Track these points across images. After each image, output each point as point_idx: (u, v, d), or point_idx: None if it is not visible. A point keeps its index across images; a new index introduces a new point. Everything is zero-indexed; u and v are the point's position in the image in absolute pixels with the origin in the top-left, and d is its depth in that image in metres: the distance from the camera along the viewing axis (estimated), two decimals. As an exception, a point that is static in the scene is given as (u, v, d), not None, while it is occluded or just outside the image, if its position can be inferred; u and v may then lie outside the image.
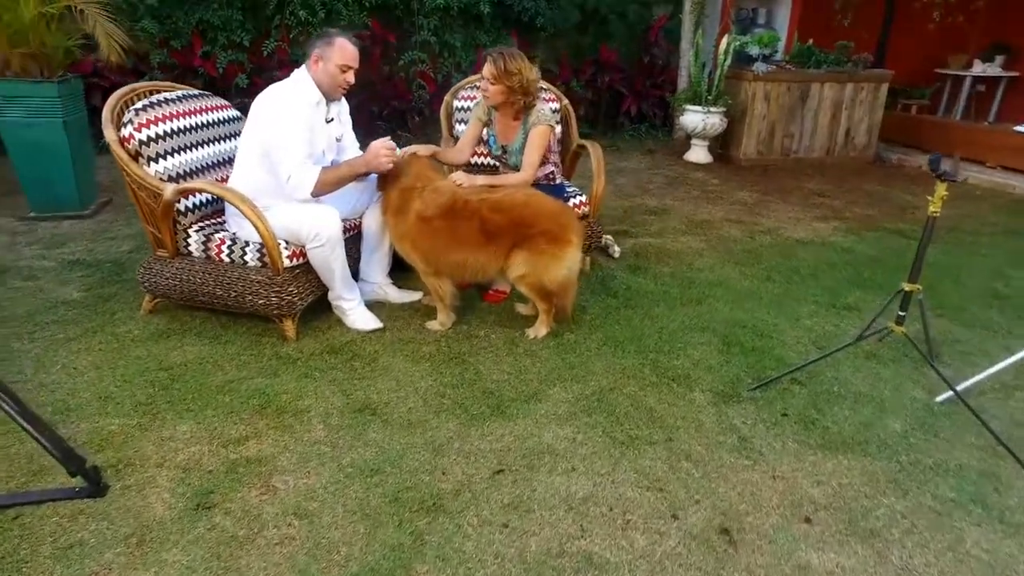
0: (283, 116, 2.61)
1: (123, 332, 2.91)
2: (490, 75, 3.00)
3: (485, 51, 3.07)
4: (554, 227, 2.72)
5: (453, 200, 2.75)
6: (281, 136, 2.61)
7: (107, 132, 2.73)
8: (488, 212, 2.72)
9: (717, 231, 4.54)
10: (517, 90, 3.03)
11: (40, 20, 3.99)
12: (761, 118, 6.46)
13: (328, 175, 2.68)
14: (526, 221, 2.72)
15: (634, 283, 3.58)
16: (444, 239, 2.74)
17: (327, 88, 2.74)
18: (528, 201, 2.76)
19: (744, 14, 7.77)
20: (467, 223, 2.72)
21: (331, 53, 2.68)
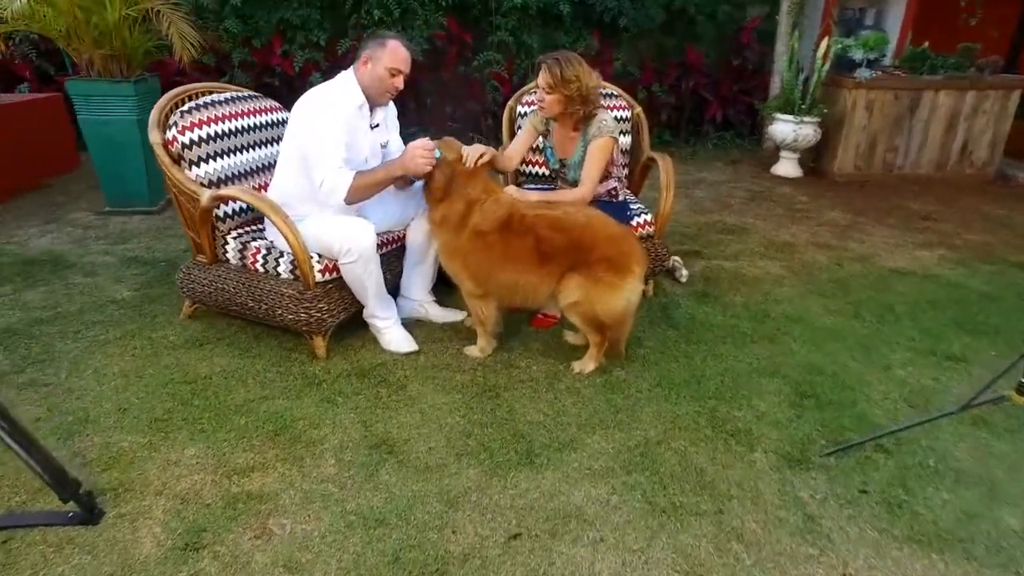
0: (320, 119, 2.46)
1: (159, 337, 2.86)
2: (545, 83, 2.74)
3: (540, 57, 2.81)
4: (615, 253, 2.44)
5: (510, 214, 2.51)
6: (316, 139, 2.46)
7: (152, 134, 2.68)
8: (545, 230, 2.47)
9: (800, 256, 4.09)
10: (575, 99, 2.76)
11: (123, 22, 4.07)
12: (861, 129, 5.86)
13: (362, 179, 2.51)
14: (585, 244, 2.45)
15: (700, 313, 3.23)
16: (497, 257, 2.50)
17: (374, 92, 2.58)
18: (589, 222, 2.50)
19: (849, 14, 7.11)
20: (522, 240, 2.48)
21: (381, 54, 2.51)
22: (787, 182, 5.93)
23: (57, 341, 2.81)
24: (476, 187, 2.52)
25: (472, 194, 2.51)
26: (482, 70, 6.42)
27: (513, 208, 2.52)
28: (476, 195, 2.51)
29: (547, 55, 2.78)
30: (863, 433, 2.31)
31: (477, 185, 2.53)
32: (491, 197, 2.52)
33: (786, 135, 5.88)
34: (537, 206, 2.57)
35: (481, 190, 2.52)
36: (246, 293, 2.71)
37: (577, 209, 2.56)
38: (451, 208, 2.51)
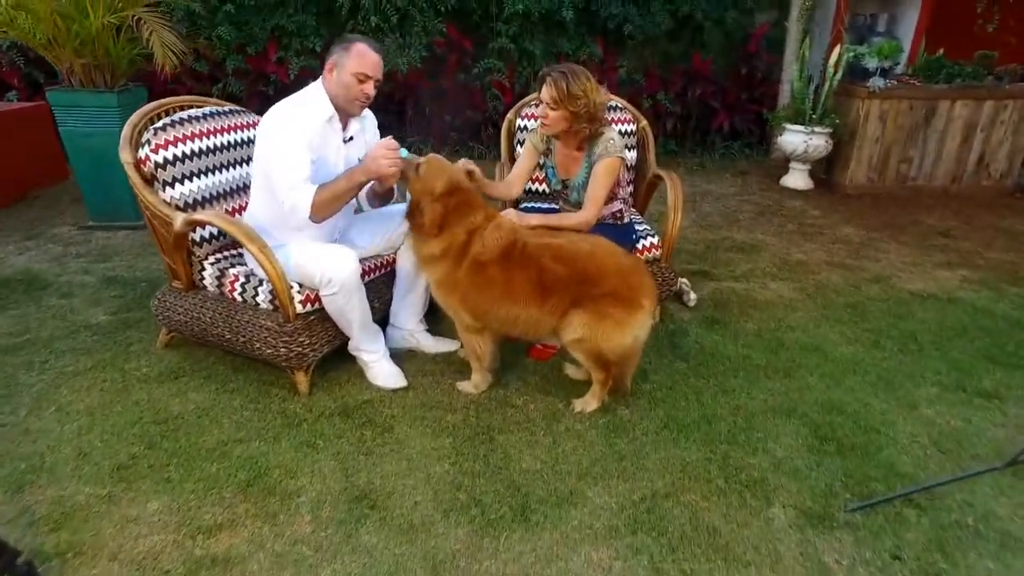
0: (281, 134, 2.26)
1: (132, 368, 2.68)
2: (550, 98, 2.55)
3: (544, 69, 2.62)
4: (623, 287, 2.25)
5: (512, 242, 2.31)
6: (277, 157, 2.26)
7: (123, 153, 2.49)
8: (548, 261, 2.27)
9: (815, 277, 3.89)
10: (582, 116, 2.57)
11: (106, 30, 3.90)
12: (874, 141, 5.65)
13: (324, 192, 2.26)
14: (590, 276, 2.26)
15: (709, 342, 3.03)
16: (498, 290, 2.30)
17: (342, 101, 2.37)
18: (594, 252, 2.30)
19: (860, 21, 6.92)
20: (524, 272, 2.28)
21: (346, 60, 2.31)
22: (797, 195, 5.73)
23: (21, 373, 2.63)
24: (477, 213, 2.32)
25: (474, 221, 2.31)
26: (482, 78, 6.24)
27: (515, 236, 2.32)
28: (477, 222, 2.31)
29: (552, 68, 2.59)
30: (890, 483, 2.11)
31: (477, 211, 2.33)
32: (492, 223, 2.33)
33: (796, 146, 5.68)
34: (540, 234, 2.38)
35: (482, 216, 2.33)
36: (223, 324, 2.53)
37: (582, 237, 2.36)
38: (453, 239, 2.29)
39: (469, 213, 2.31)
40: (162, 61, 3.73)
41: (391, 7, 5.67)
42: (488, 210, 2.37)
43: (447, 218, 2.28)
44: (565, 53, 6.32)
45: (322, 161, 2.37)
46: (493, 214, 2.38)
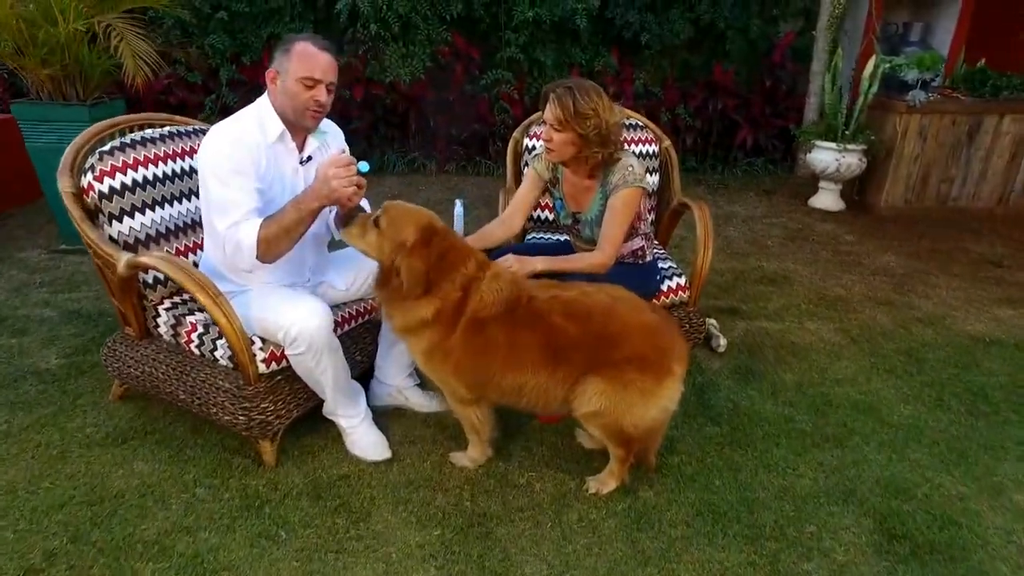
0: (216, 159, 1.88)
1: (74, 428, 2.31)
2: (554, 119, 2.17)
3: (547, 87, 2.23)
4: (649, 349, 1.85)
5: (516, 296, 1.90)
6: (213, 188, 1.89)
7: (61, 180, 2.13)
8: (559, 318, 1.86)
9: (857, 315, 3.47)
10: (592, 139, 2.18)
11: (76, 38, 3.57)
12: (912, 159, 5.23)
13: (271, 226, 1.86)
14: (609, 337, 1.86)
15: (744, 400, 2.62)
16: (500, 354, 1.89)
17: (291, 114, 1.97)
18: (614, 307, 1.90)
19: (891, 30, 6.52)
20: (530, 332, 1.87)
21: (288, 64, 1.92)
22: (828, 217, 5.31)
23: (-55, 433, 2.27)
24: (467, 261, 1.92)
25: (465, 271, 1.90)
26: (490, 89, 5.88)
27: (518, 287, 1.92)
28: (470, 271, 1.90)
29: (556, 83, 2.20)
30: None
31: (467, 258, 1.93)
32: (488, 273, 1.93)
33: (827, 164, 5.26)
34: (547, 285, 1.97)
35: (474, 264, 1.93)
36: (177, 381, 2.15)
37: (597, 288, 1.96)
38: (446, 297, 1.87)
39: (457, 262, 1.89)
40: (132, 72, 3.38)
41: (392, 14, 5.33)
42: (478, 255, 1.97)
43: (431, 273, 1.86)
44: (578, 63, 5.95)
45: (276, 190, 2.00)
46: (486, 261, 1.98)
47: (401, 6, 5.22)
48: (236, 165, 1.88)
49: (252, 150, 1.92)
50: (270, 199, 1.98)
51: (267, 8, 5.60)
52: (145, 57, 3.44)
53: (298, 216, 1.88)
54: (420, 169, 6.00)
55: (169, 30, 5.40)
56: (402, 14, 5.37)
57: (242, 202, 1.88)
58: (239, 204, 1.87)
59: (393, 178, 5.82)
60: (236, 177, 1.88)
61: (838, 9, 5.88)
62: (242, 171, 1.89)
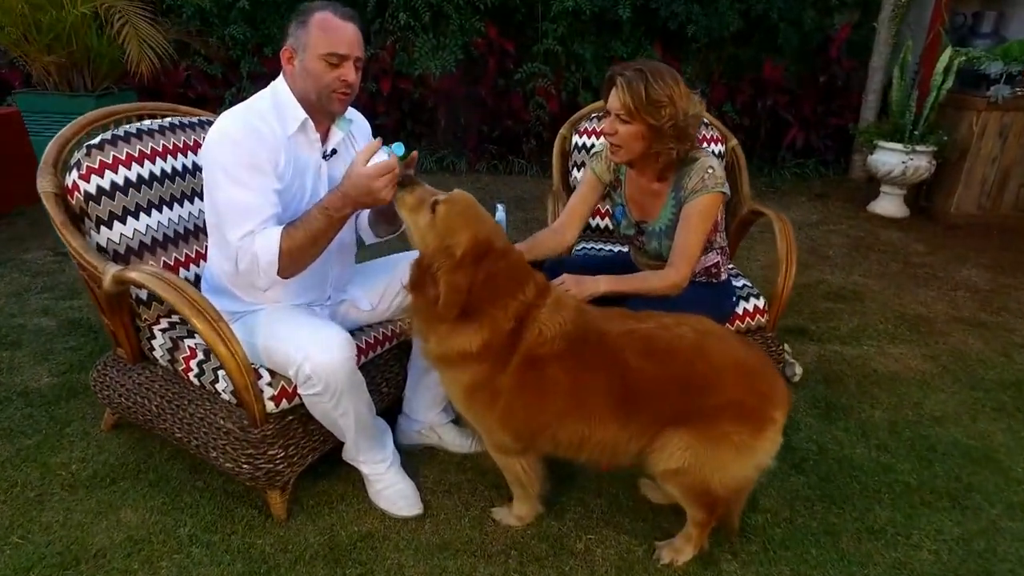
0: (226, 156, 1.56)
1: (59, 464, 2.01)
2: (622, 108, 1.81)
3: (612, 68, 1.87)
4: (746, 395, 1.48)
5: (583, 329, 1.55)
6: (222, 191, 1.57)
7: (42, 180, 1.83)
8: (636, 357, 1.50)
9: (945, 338, 3.05)
10: (666, 133, 1.82)
11: (84, 23, 3.30)
12: (990, 161, 4.76)
13: (295, 234, 1.56)
14: (698, 381, 1.49)
15: (830, 441, 2.24)
16: (560, 400, 1.54)
17: (315, 99, 1.65)
18: (702, 344, 1.52)
19: (959, 21, 6.01)
20: (599, 374, 1.51)
21: (307, 38, 1.60)
22: (892, 224, 4.86)
23: (-85, 467, 1.98)
24: (526, 286, 1.55)
25: (524, 297, 1.54)
26: (525, 84, 5.52)
27: (585, 319, 1.56)
28: (530, 300, 1.54)
29: (623, 66, 1.84)
30: None
31: (526, 282, 1.56)
32: (549, 300, 1.57)
33: (893, 167, 4.81)
34: (619, 316, 1.60)
35: (533, 290, 1.56)
36: (172, 417, 1.84)
37: (679, 320, 1.58)
38: (496, 328, 1.51)
39: (513, 287, 1.53)
40: (137, 59, 3.09)
41: (423, 3, 4.99)
42: (539, 279, 1.61)
43: (475, 295, 1.50)
44: (620, 57, 5.56)
45: (295, 191, 1.68)
46: (547, 286, 1.62)
47: (432, -6, 4.90)
48: (252, 160, 1.55)
49: (270, 143, 1.59)
50: (289, 205, 1.66)
51: (291, -4, 5.31)
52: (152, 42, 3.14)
53: (328, 224, 1.56)
54: (450, 168, 5.66)
55: (188, 19, 5.13)
56: (433, 3, 5.04)
57: (259, 207, 1.56)
58: (255, 209, 1.55)
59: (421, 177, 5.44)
60: (252, 176, 1.55)
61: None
62: (259, 168, 1.56)
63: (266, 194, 1.57)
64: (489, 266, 1.52)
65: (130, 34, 3.09)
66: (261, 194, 1.56)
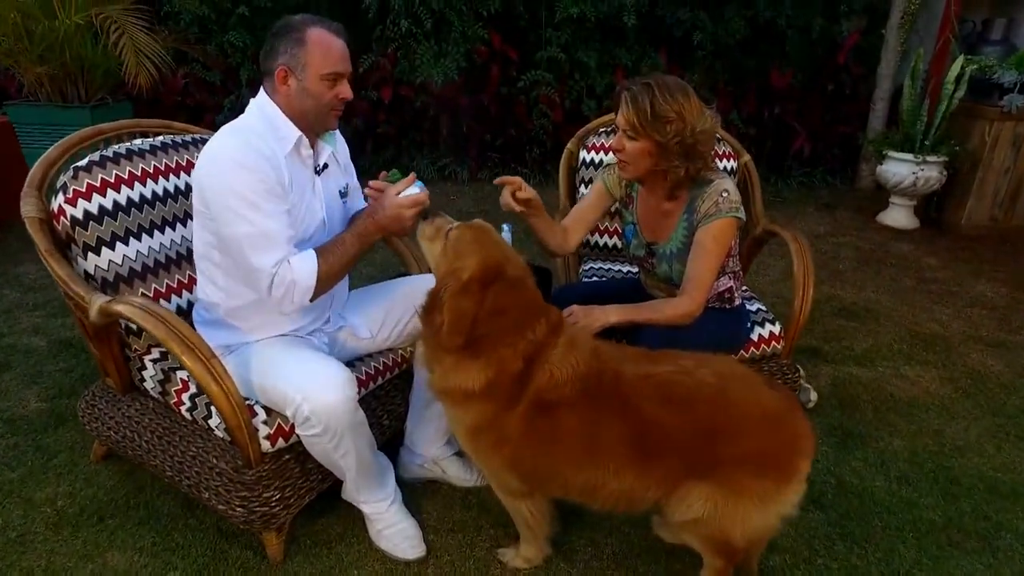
0: (242, 183, 1.49)
1: (44, 500, 1.92)
2: (627, 124, 1.74)
3: (621, 83, 1.79)
4: (771, 444, 1.39)
5: (598, 372, 1.45)
6: (245, 217, 1.49)
7: (25, 204, 1.74)
8: (654, 403, 1.40)
9: (963, 359, 2.96)
10: (672, 149, 1.74)
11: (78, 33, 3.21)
12: (1003, 171, 4.68)
13: (331, 259, 1.57)
14: (721, 430, 1.39)
15: (849, 474, 2.15)
16: (572, 448, 1.45)
17: (314, 116, 1.60)
18: (725, 390, 1.42)
19: (968, 28, 5.93)
20: (615, 420, 1.41)
21: (304, 57, 1.53)
22: (903, 236, 4.77)
23: None
24: (536, 320, 1.46)
25: (534, 337, 1.45)
26: (528, 92, 5.43)
27: (599, 359, 1.46)
28: (540, 338, 1.45)
29: (633, 80, 1.76)
30: None
31: (536, 316, 1.47)
32: (562, 340, 1.47)
33: (903, 177, 4.72)
34: (636, 357, 1.49)
35: (545, 326, 1.47)
36: (162, 453, 1.75)
37: (699, 361, 1.48)
38: (502, 365, 1.42)
39: (523, 322, 1.44)
40: (134, 71, 3.01)
41: (425, 10, 4.91)
42: (553, 316, 1.52)
43: (481, 326, 1.42)
44: (623, 65, 5.48)
45: (299, 207, 1.62)
46: (559, 322, 1.52)
47: (434, 1, 4.80)
48: (267, 185, 1.50)
49: (277, 164, 1.54)
50: (292, 222, 1.60)
51: (291, 3, 5.22)
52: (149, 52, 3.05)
53: (361, 249, 1.63)
54: (451, 177, 5.58)
55: (187, 27, 5.05)
56: (436, 9, 4.95)
57: (283, 232, 1.53)
58: (282, 236, 1.52)
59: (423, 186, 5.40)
60: (270, 201, 1.51)
61: (914, 5, 5.35)
62: (273, 192, 1.52)
63: (284, 216, 1.54)
64: (497, 295, 1.43)
65: (126, 45, 3.00)
66: (280, 218, 1.53)
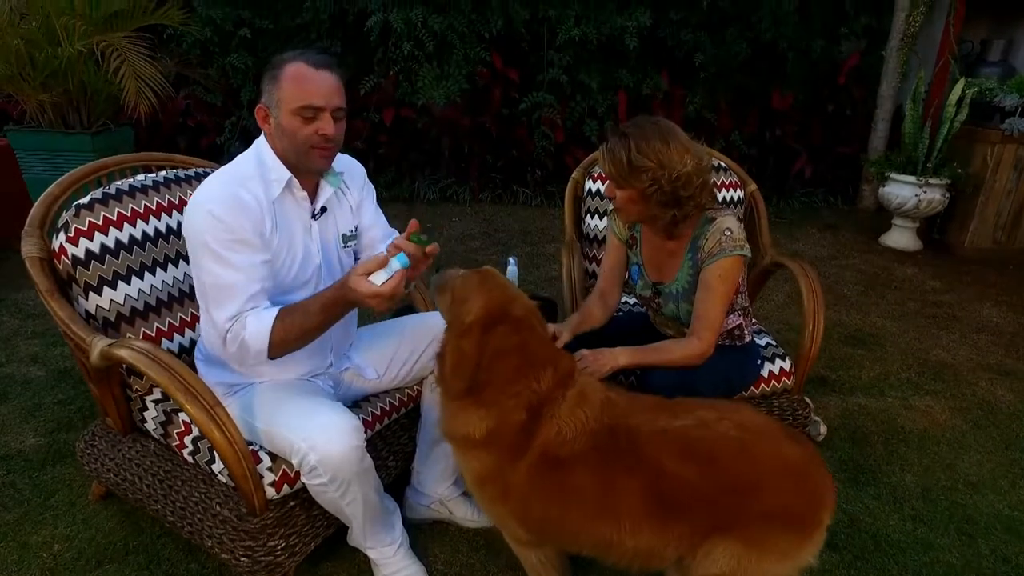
0: (209, 232, 1.44)
1: (40, 543, 1.87)
2: (608, 175, 1.77)
3: (605, 128, 1.79)
4: (796, 500, 1.35)
5: (610, 427, 1.41)
6: (207, 268, 1.46)
7: (26, 243, 1.72)
8: (672, 459, 1.36)
9: (971, 388, 2.93)
10: (651, 197, 1.73)
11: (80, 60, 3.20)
12: (1005, 194, 4.68)
13: (289, 324, 1.45)
14: (743, 484, 1.35)
15: (862, 512, 2.12)
16: (583, 504, 1.40)
17: (294, 157, 1.55)
18: (747, 445, 1.38)
19: (966, 49, 5.96)
20: (629, 478, 1.37)
21: (278, 94, 1.49)
22: (906, 258, 4.76)
23: None
24: (543, 370, 1.43)
25: (538, 384, 1.41)
26: (530, 114, 5.44)
27: (612, 414, 1.42)
28: (544, 390, 1.42)
29: (614, 130, 1.75)
30: None
31: (543, 365, 1.44)
32: (572, 392, 1.43)
33: (905, 200, 4.72)
34: (652, 408, 1.45)
35: (552, 376, 1.43)
36: (164, 498, 1.71)
37: (719, 412, 1.43)
38: (504, 416, 1.40)
39: (525, 370, 1.41)
40: (134, 99, 2.99)
41: (427, 33, 4.92)
42: (563, 364, 1.48)
43: (483, 370, 1.39)
44: (625, 86, 5.49)
45: (283, 256, 1.57)
46: (569, 372, 1.48)
47: (437, 23, 4.81)
48: (236, 235, 1.44)
49: (255, 212, 1.48)
50: (276, 270, 1.55)
51: (293, 25, 5.24)
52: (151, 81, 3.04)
53: (325, 320, 1.45)
54: (453, 198, 5.57)
55: (188, 49, 5.05)
56: (438, 32, 4.96)
57: (245, 286, 1.44)
58: (242, 290, 1.44)
59: (424, 207, 5.39)
60: (237, 252, 1.44)
61: (913, 27, 5.38)
62: (244, 241, 1.45)
63: (252, 269, 1.46)
64: (501, 338, 1.41)
65: (127, 73, 2.99)
66: (247, 272, 1.45)
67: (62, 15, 2.93)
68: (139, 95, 3.01)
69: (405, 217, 1.87)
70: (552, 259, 4.32)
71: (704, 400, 1.50)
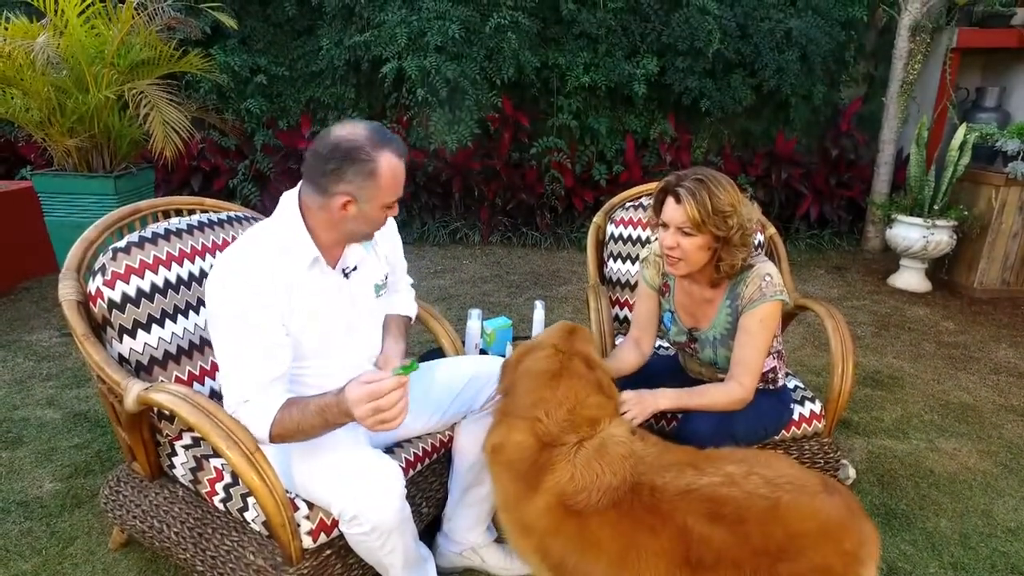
0: (231, 310, 1.43)
1: (61, 596, 1.82)
2: (686, 221, 1.70)
3: (665, 180, 1.78)
4: (835, 559, 1.31)
5: (631, 481, 1.39)
6: (223, 343, 1.46)
7: (63, 286, 1.72)
8: (699, 520, 1.33)
9: (997, 431, 2.91)
10: (735, 242, 1.73)
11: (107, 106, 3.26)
12: (1011, 235, 4.72)
13: (287, 422, 1.40)
14: (777, 548, 1.31)
15: (900, 560, 2.07)
16: (606, 558, 1.37)
17: (360, 236, 1.59)
18: (779, 503, 1.33)
19: (962, 95, 6.10)
20: (654, 537, 1.34)
21: (373, 190, 1.46)
22: (916, 300, 4.78)
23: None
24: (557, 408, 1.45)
25: (547, 420, 1.41)
26: (540, 158, 5.52)
27: (636, 469, 1.40)
28: (555, 424, 1.42)
29: (678, 176, 1.74)
30: None
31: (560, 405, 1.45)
32: (592, 445, 1.42)
33: (913, 241, 4.76)
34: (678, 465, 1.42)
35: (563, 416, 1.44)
36: (193, 547, 1.67)
37: (748, 467, 1.39)
38: (509, 435, 1.41)
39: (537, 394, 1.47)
40: (161, 144, 3.03)
41: (440, 79, 5.03)
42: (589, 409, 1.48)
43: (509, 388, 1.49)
44: (632, 131, 5.60)
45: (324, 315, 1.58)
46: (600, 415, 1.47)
47: (450, 70, 4.93)
48: (257, 319, 1.43)
49: (279, 293, 1.47)
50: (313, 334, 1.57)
51: (308, 71, 5.36)
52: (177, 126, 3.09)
53: (323, 425, 1.39)
54: (463, 240, 5.61)
55: (206, 94, 5.15)
56: (450, 79, 5.07)
57: (258, 370, 1.43)
58: (252, 373, 1.43)
59: (434, 249, 5.42)
60: (255, 334, 1.43)
61: (912, 75, 5.52)
62: (264, 326, 1.44)
63: (268, 351, 1.44)
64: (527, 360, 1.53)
65: (156, 118, 3.04)
66: (263, 353, 1.43)
67: (92, 64, 3.00)
68: (166, 141, 3.05)
69: (414, 260, 1.88)
70: (564, 301, 4.33)
71: (734, 451, 1.48)
